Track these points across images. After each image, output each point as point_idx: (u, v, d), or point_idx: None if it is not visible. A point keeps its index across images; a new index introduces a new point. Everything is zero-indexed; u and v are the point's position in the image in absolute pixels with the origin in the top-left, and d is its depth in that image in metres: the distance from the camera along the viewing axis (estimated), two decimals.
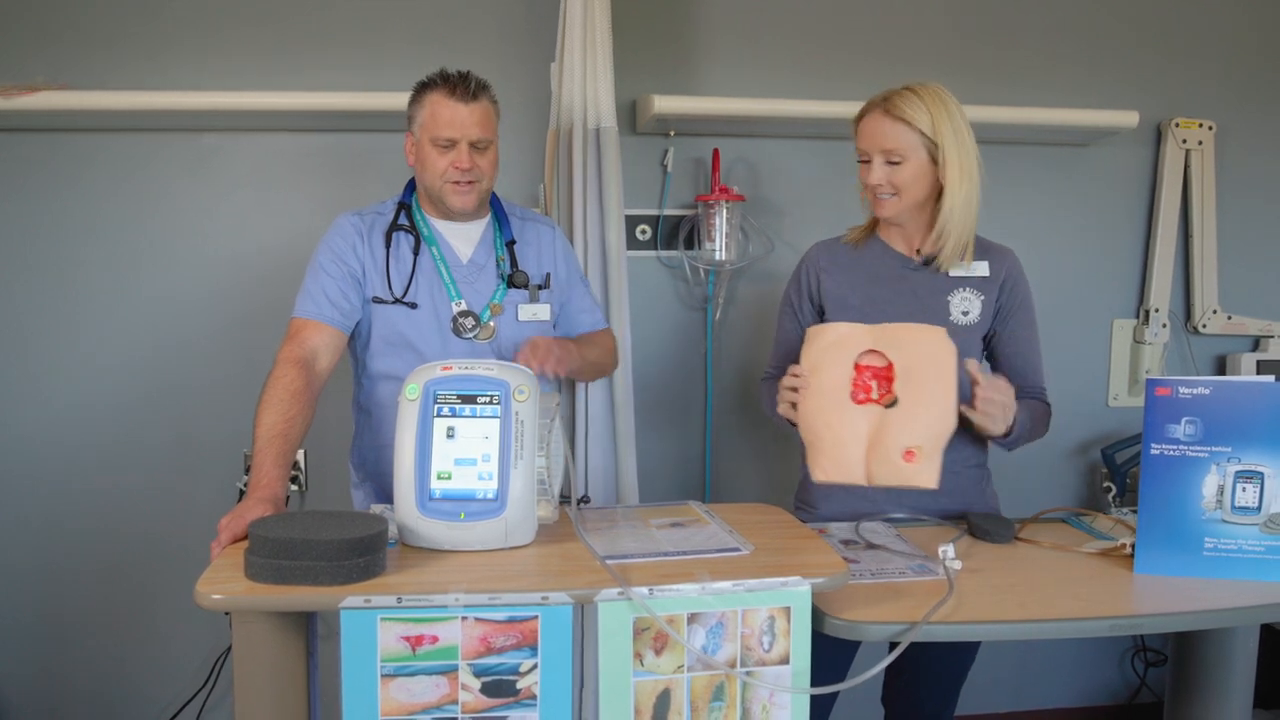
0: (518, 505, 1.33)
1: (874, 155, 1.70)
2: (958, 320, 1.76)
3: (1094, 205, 2.69)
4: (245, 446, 2.36)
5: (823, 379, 1.61)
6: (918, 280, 1.77)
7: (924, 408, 1.56)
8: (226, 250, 2.37)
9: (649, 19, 2.46)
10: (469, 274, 1.80)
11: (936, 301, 1.76)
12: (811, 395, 1.61)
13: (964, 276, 1.76)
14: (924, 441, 1.54)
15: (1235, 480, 1.43)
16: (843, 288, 1.80)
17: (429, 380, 1.35)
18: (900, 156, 1.68)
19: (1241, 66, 2.69)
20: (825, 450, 1.59)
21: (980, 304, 1.76)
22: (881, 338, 1.61)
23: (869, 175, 1.71)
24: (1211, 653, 1.61)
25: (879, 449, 1.56)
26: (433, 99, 1.71)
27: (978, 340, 1.78)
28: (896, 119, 1.68)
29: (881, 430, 1.57)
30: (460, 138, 1.70)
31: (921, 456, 1.54)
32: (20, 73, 2.21)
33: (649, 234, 2.50)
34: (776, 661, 1.24)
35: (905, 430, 1.56)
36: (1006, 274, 1.78)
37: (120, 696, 2.43)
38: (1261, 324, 2.71)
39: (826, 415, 1.60)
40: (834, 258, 1.83)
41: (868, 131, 1.71)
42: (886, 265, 1.79)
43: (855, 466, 1.58)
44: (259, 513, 1.34)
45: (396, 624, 1.15)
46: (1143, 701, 2.80)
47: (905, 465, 1.54)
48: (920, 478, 1.54)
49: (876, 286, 1.78)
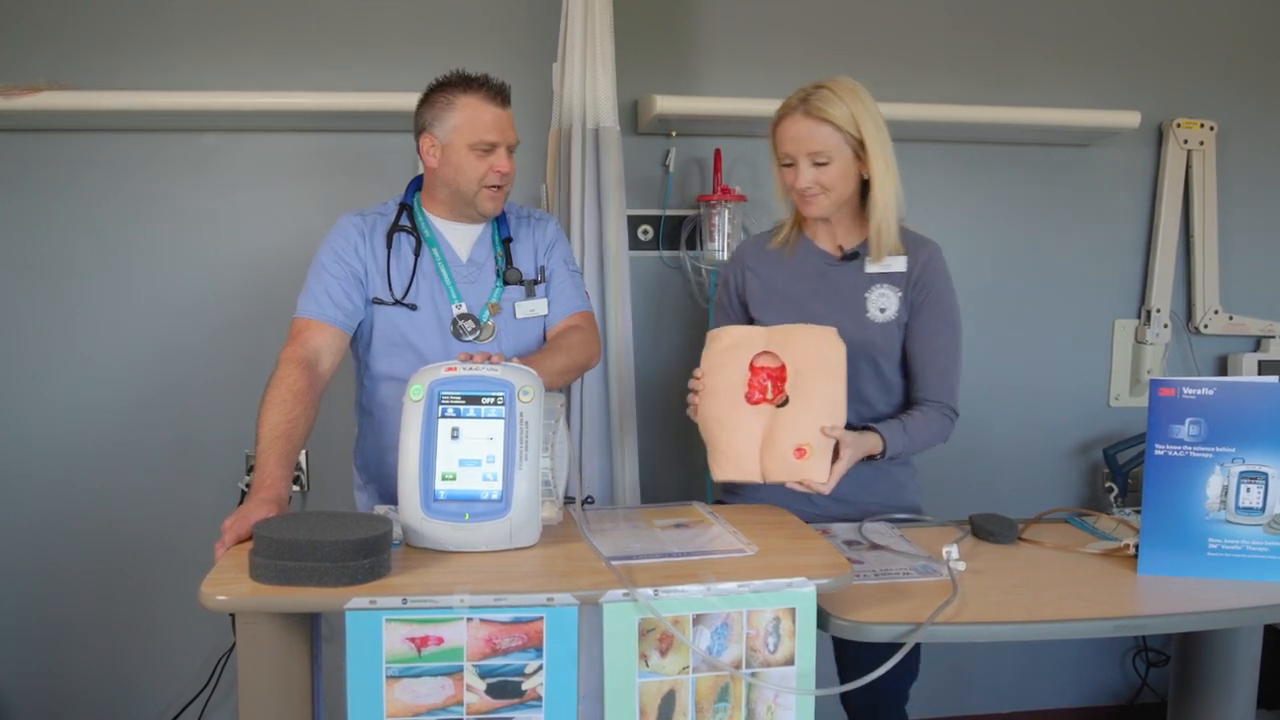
0: (522, 506, 1.32)
1: (799, 158, 1.69)
2: (875, 318, 1.76)
3: (1095, 206, 2.69)
4: (247, 447, 2.36)
5: (719, 380, 1.64)
6: (838, 277, 1.78)
7: (814, 406, 1.59)
8: (227, 250, 2.37)
9: (650, 19, 2.46)
10: (469, 273, 1.80)
11: (855, 299, 1.77)
12: (708, 397, 1.64)
13: (881, 273, 1.76)
14: (814, 439, 1.57)
15: (1239, 481, 1.43)
16: (766, 286, 1.82)
17: (433, 381, 1.35)
18: (826, 157, 1.68)
19: (1243, 67, 2.70)
20: (721, 449, 1.63)
21: (897, 300, 1.76)
22: (774, 339, 1.64)
23: (796, 179, 1.70)
24: (1215, 653, 1.62)
25: (772, 447, 1.59)
26: (469, 102, 1.70)
27: (897, 336, 1.77)
28: (819, 119, 1.67)
29: (774, 429, 1.59)
30: (501, 141, 1.71)
31: (812, 453, 1.57)
32: (21, 73, 2.20)
33: (651, 234, 2.50)
34: (781, 663, 1.24)
35: (796, 428, 1.58)
36: (920, 269, 1.76)
37: (121, 697, 2.43)
38: (1263, 324, 2.71)
39: (722, 416, 1.63)
40: (760, 257, 1.85)
41: (790, 135, 1.70)
42: (809, 263, 1.81)
43: (751, 464, 1.61)
44: (263, 513, 1.33)
45: (401, 625, 1.15)
46: (1144, 702, 2.80)
47: (797, 461, 1.57)
48: (811, 473, 1.57)
49: (798, 284, 1.80)
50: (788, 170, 1.72)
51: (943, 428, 1.76)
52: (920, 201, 2.60)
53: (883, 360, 1.76)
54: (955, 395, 1.77)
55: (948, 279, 1.78)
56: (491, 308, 1.79)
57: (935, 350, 1.76)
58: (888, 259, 1.75)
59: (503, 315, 1.79)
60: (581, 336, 1.82)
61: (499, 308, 1.79)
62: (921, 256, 1.76)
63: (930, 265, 1.76)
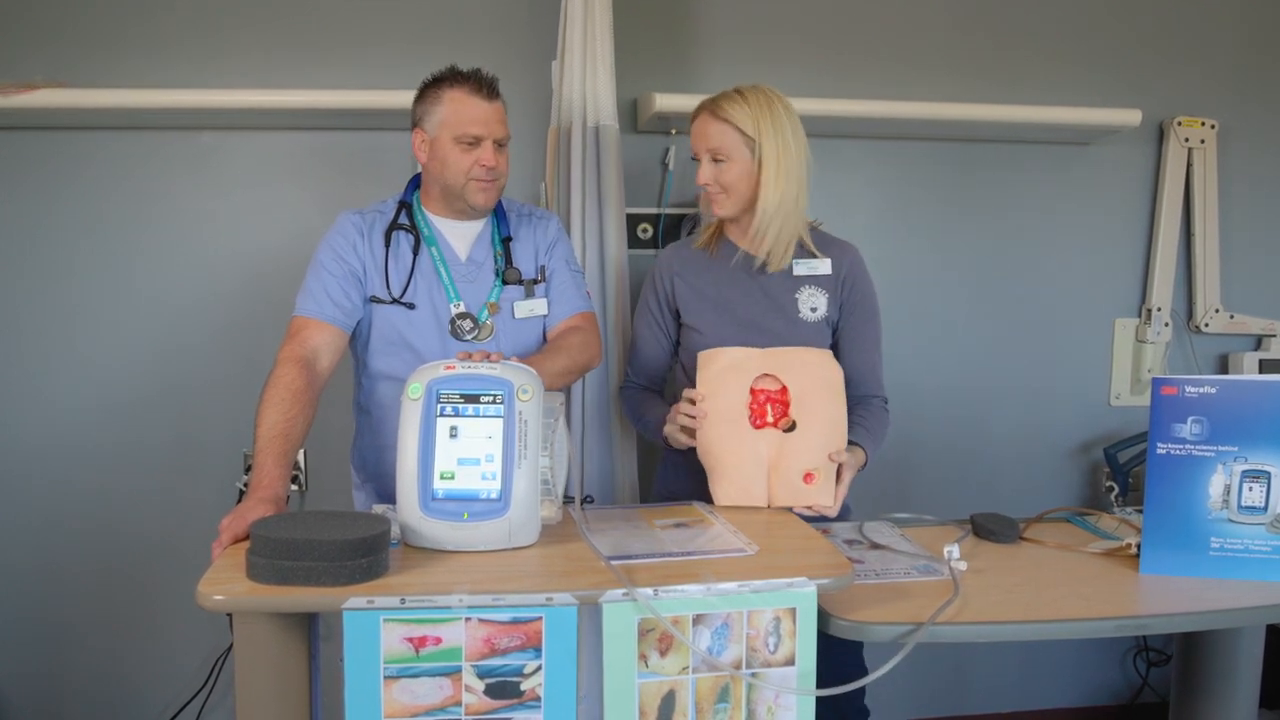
0: (521, 505, 1.32)
1: (702, 155, 1.78)
2: (807, 316, 1.83)
3: (1096, 204, 2.68)
4: (245, 446, 2.35)
5: (719, 404, 1.63)
6: (766, 279, 1.85)
7: (820, 430, 1.60)
8: (226, 249, 2.36)
9: (650, 17, 2.45)
10: (468, 272, 1.79)
11: (785, 299, 1.83)
12: (711, 421, 1.63)
13: (808, 275, 1.84)
14: (821, 463, 1.59)
15: (1242, 480, 1.43)
16: (695, 290, 1.86)
17: (432, 379, 1.34)
18: (725, 156, 1.76)
19: (1244, 65, 2.69)
20: (727, 475, 1.61)
21: (826, 300, 1.84)
22: (773, 362, 1.65)
23: (699, 174, 1.79)
24: (1217, 653, 1.61)
25: (779, 472, 1.59)
26: (454, 96, 1.69)
27: (827, 335, 1.86)
28: (722, 120, 1.75)
29: (782, 454, 1.59)
30: (486, 135, 1.70)
31: (819, 477, 1.58)
32: (19, 71, 2.19)
33: (650, 232, 2.50)
34: (782, 663, 1.23)
35: (804, 453, 1.59)
36: (847, 271, 1.86)
37: (120, 697, 2.42)
38: (1264, 323, 2.70)
39: (727, 441, 1.61)
40: (685, 261, 1.89)
41: (697, 132, 1.79)
42: (738, 266, 1.86)
43: (758, 489, 1.60)
44: (260, 513, 1.33)
45: (399, 625, 1.14)
46: (1145, 701, 2.80)
47: (805, 487, 1.58)
48: (820, 496, 1.59)
49: (727, 287, 1.85)
50: (697, 168, 1.81)
51: (886, 419, 1.87)
52: (921, 200, 2.61)
53: None
54: (883, 384, 1.90)
55: (869, 278, 1.90)
56: (490, 307, 1.78)
57: (866, 348, 1.88)
58: (814, 261, 1.84)
59: (501, 315, 1.79)
60: (582, 337, 1.81)
61: (497, 307, 1.78)
62: (845, 259, 1.87)
63: (855, 267, 1.87)
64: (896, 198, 2.60)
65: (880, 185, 2.60)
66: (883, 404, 1.88)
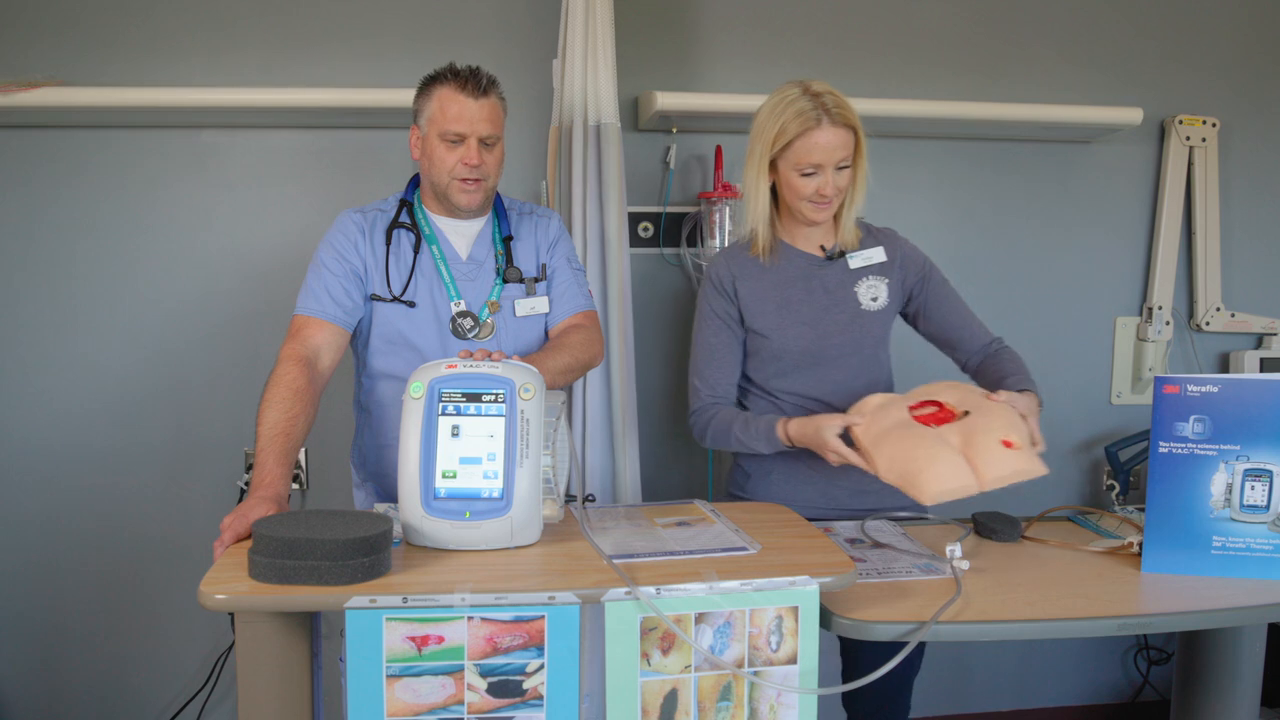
0: (523, 504, 1.32)
1: (828, 167, 1.69)
2: (869, 307, 1.82)
3: (1097, 202, 2.68)
4: (246, 445, 2.35)
5: (888, 424, 1.56)
6: (825, 276, 1.82)
7: (993, 407, 1.55)
8: (226, 247, 2.36)
9: (651, 15, 2.45)
10: (469, 271, 1.79)
11: (846, 293, 1.82)
12: (888, 440, 1.53)
13: (865, 266, 1.83)
14: (1012, 430, 1.49)
15: (1244, 479, 1.42)
16: (757, 293, 1.82)
17: (434, 378, 1.34)
18: (849, 161, 1.72)
19: (1245, 64, 2.69)
20: (928, 471, 1.47)
21: (886, 288, 1.83)
22: (918, 391, 1.63)
23: (825, 185, 1.70)
24: (1218, 652, 1.61)
25: (976, 449, 1.48)
26: (442, 93, 1.69)
27: (889, 323, 1.86)
28: (846, 126, 1.69)
29: (970, 436, 1.50)
30: (469, 133, 1.68)
31: (1018, 441, 1.47)
32: (18, 69, 2.19)
33: (651, 231, 2.49)
34: (784, 661, 1.23)
35: (992, 426, 1.50)
36: (900, 254, 1.85)
37: (120, 696, 2.42)
38: (1265, 321, 2.70)
39: (914, 445, 1.50)
40: (743, 266, 1.84)
41: (822, 144, 1.68)
42: (794, 267, 1.83)
43: (964, 474, 1.46)
44: (262, 512, 1.33)
45: (402, 624, 1.14)
46: (1146, 699, 2.80)
47: (1008, 452, 1.46)
48: (1027, 462, 1.46)
49: (788, 288, 1.81)
50: (805, 180, 1.71)
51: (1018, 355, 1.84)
52: (921, 198, 2.61)
53: (875, 348, 1.84)
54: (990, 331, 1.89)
55: (919, 249, 1.89)
56: (491, 305, 1.78)
57: (956, 307, 1.87)
58: (867, 251, 1.82)
59: (502, 313, 1.78)
60: (584, 335, 1.80)
61: (498, 306, 1.78)
62: (896, 242, 1.87)
63: (906, 246, 1.87)
64: (897, 196, 2.60)
65: (880, 184, 2.55)
66: (1001, 344, 1.86)
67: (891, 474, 1.50)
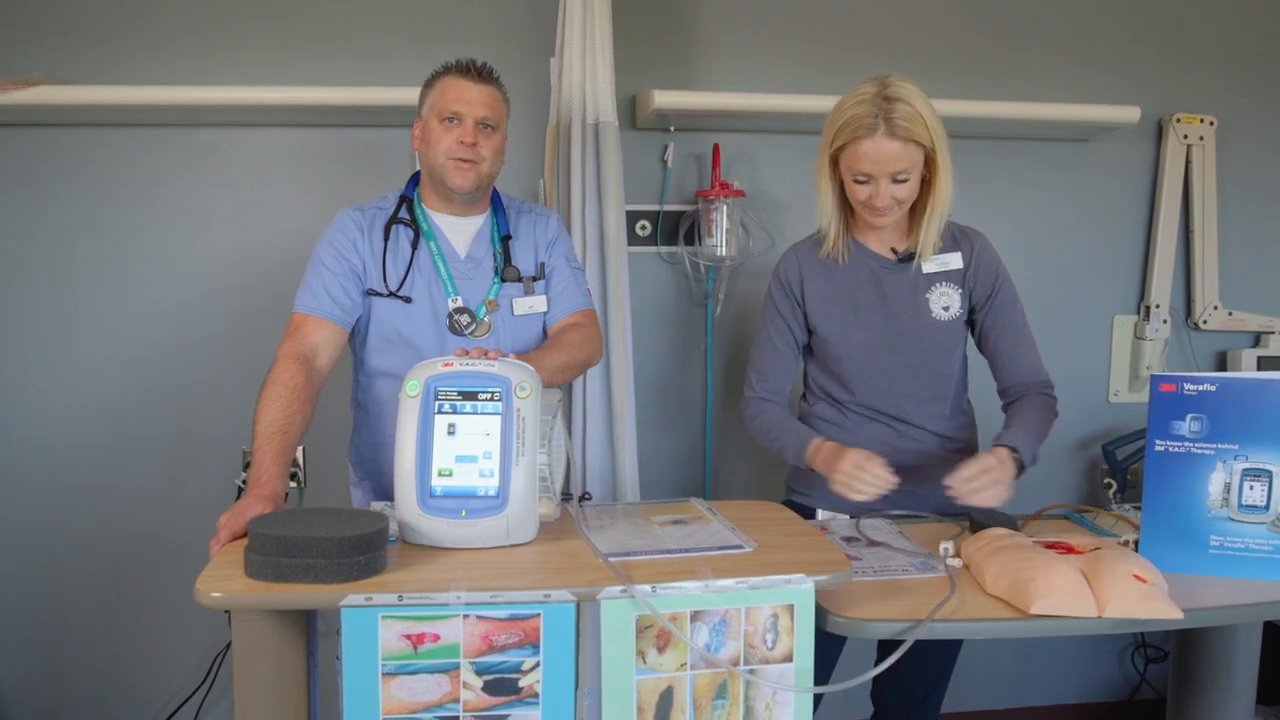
0: (519, 502, 1.32)
1: (880, 178, 1.62)
2: (939, 316, 1.76)
3: (1095, 201, 2.68)
4: (244, 443, 2.35)
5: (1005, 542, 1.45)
6: (896, 281, 1.77)
7: (1130, 555, 1.41)
8: (225, 246, 2.36)
9: (649, 13, 2.45)
10: (467, 269, 1.79)
11: (916, 300, 1.76)
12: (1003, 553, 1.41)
13: (939, 272, 1.76)
14: (1149, 574, 1.34)
15: (1242, 478, 1.42)
16: (824, 294, 1.78)
17: (430, 376, 1.34)
18: (907, 174, 1.63)
19: (1243, 62, 2.69)
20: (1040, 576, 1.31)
21: (958, 296, 1.76)
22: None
23: (875, 196, 1.63)
24: (1214, 650, 1.61)
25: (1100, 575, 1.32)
26: (444, 81, 1.74)
27: (961, 333, 1.79)
28: (905, 140, 1.60)
29: (1096, 563, 1.35)
30: (466, 113, 1.70)
31: (1153, 582, 1.33)
32: (16, 67, 2.19)
33: (649, 229, 2.49)
34: (780, 659, 1.23)
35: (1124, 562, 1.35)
36: (976, 260, 1.77)
37: (118, 694, 2.42)
38: (1262, 320, 2.70)
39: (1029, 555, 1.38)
40: (812, 264, 1.79)
41: (873, 156, 1.60)
42: (865, 268, 1.78)
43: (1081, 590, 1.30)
44: (258, 510, 1.33)
45: (398, 622, 1.14)
46: (1143, 698, 2.80)
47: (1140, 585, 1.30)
48: (1164, 603, 1.29)
49: (858, 292, 1.77)
50: (859, 186, 1.65)
51: (1051, 408, 1.78)
52: None
53: (945, 358, 1.78)
54: (1043, 367, 1.80)
55: (1001, 262, 1.79)
56: (489, 304, 1.78)
57: (1014, 333, 1.78)
58: (944, 256, 1.75)
59: (500, 312, 1.79)
60: (582, 334, 1.81)
61: (496, 304, 1.78)
62: (975, 248, 1.77)
63: (984, 255, 1.78)
64: None
65: None
66: (1044, 390, 1.78)
67: (1001, 581, 1.35)
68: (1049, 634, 1.32)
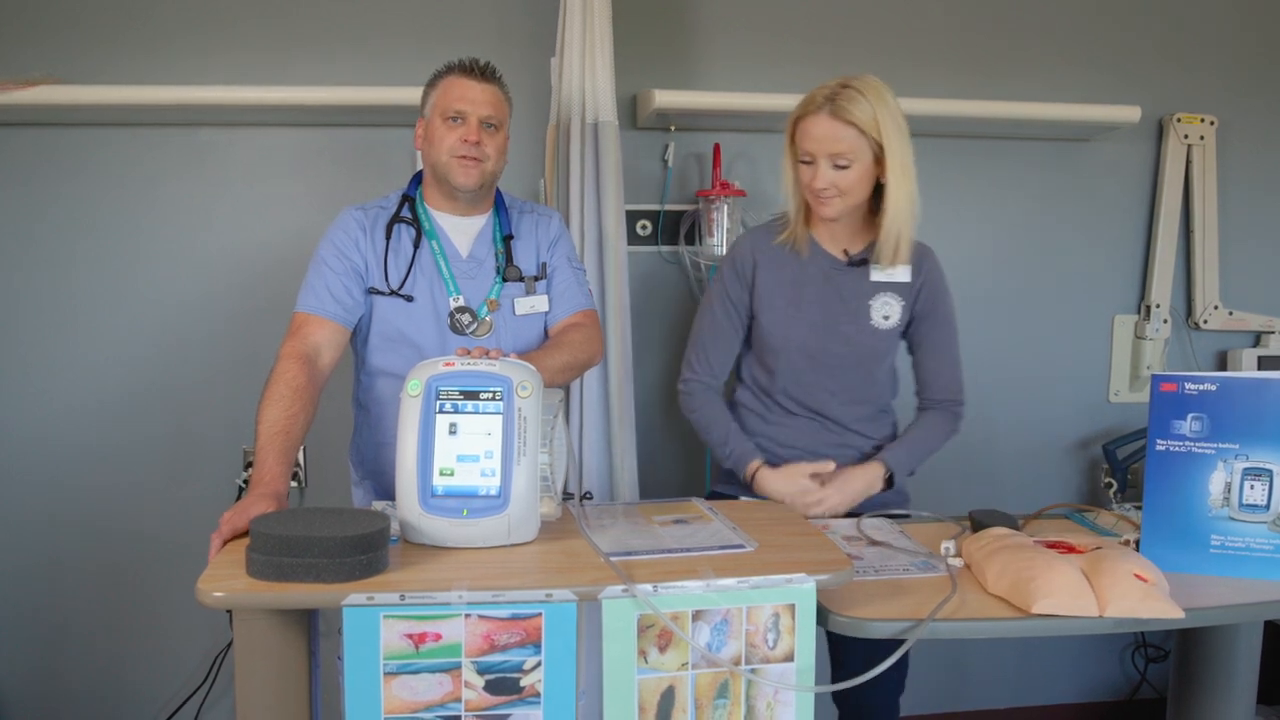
0: (521, 502, 1.32)
1: (819, 158, 1.66)
2: (878, 325, 1.79)
3: (1095, 201, 2.68)
4: (245, 443, 2.35)
5: (1006, 541, 1.45)
6: (843, 282, 1.80)
7: (1131, 554, 1.40)
8: (225, 246, 2.36)
9: (649, 13, 2.45)
10: (469, 269, 1.79)
11: (859, 305, 1.79)
12: (1004, 552, 1.41)
13: (886, 281, 1.78)
14: (1149, 573, 1.34)
15: (1243, 478, 1.42)
16: (772, 283, 1.80)
17: (431, 376, 1.34)
18: (847, 160, 1.65)
19: (1243, 62, 2.69)
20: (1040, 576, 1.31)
21: (900, 308, 1.80)
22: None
23: (815, 178, 1.67)
24: (1215, 649, 1.61)
25: (1102, 574, 1.32)
26: (447, 79, 1.74)
27: (896, 343, 1.84)
28: (844, 121, 1.63)
29: (1097, 563, 1.35)
30: (470, 112, 1.71)
31: (1154, 582, 1.33)
32: (16, 67, 2.19)
33: (650, 229, 2.50)
34: (781, 659, 1.23)
35: (1125, 561, 1.35)
36: (925, 277, 1.81)
37: (119, 694, 2.42)
38: (1263, 320, 2.71)
39: (1030, 555, 1.37)
40: (767, 251, 1.82)
41: (814, 134, 1.66)
42: (816, 265, 1.80)
43: (1082, 590, 1.29)
44: (262, 508, 1.33)
45: (399, 621, 1.14)
46: (1143, 697, 2.80)
47: (1141, 584, 1.30)
48: (1165, 603, 1.29)
49: (805, 286, 1.80)
50: (805, 168, 1.70)
51: (950, 427, 1.85)
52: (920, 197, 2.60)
53: (876, 365, 1.82)
54: (962, 388, 1.86)
55: (947, 282, 1.84)
56: (490, 304, 1.78)
57: (944, 351, 1.84)
58: (895, 268, 1.77)
59: (501, 311, 1.79)
60: (583, 334, 1.81)
61: (497, 304, 1.78)
62: (925, 266, 1.81)
63: (933, 273, 1.82)
64: None
65: None
66: (953, 409, 1.84)
67: (1002, 581, 1.35)
68: (1050, 634, 1.32)
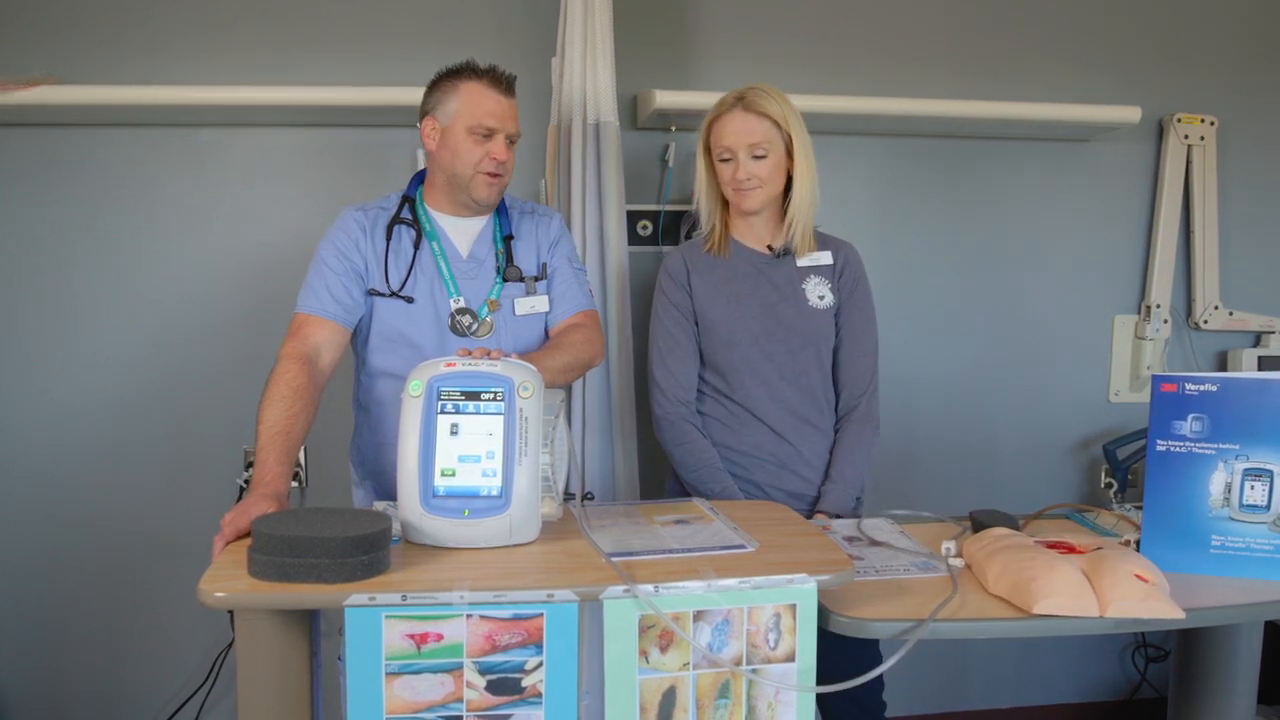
0: (522, 502, 1.32)
1: (739, 151, 1.80)
2: (816, 305, 1.88)
3: (1095, 201, 2.68)
4: (245, 443, 2.35)
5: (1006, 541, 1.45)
6: (773, 273, 1.89)
7: (1130, 554, 1.40)
8: (225, 246, 2.36)
9: (650, 13, 2.45)
10: (469, 269, 1.79)
11: (793, 290, 1.88)
12: (1005, 553, 1.41)
13: (812, 265, 1.90)
14: (1149, 573, 1.33)
15: (1243, 478, 1.43)
16: (709, 284, 1.89)
17: (432, 376, 1.34)
18: (764, 150, 1.80)
19: (1243, 62, 2.69)
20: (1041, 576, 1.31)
21: (830, 290, 1.89)
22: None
23: (738, 170, 1.81)
24: (1215, 649, 1.62)
25: (1102, 574, 1.32)
26: (472, 87, 1.71)
27: (833, 323, 1.90)
28: (760, 114, 1.80)
29: (1098, 563, 1.35)
30: (500, 129, 1.71)
31: (1154, 581, 1.32)
32: (16, 67, 2.19)
33: (650, 229, 2.50)
34: (782, 659, 1.23)
35: (1125, 561, 1.35)
36: (844, 264, 1.92)
37: (120, 694, 2.42)
38: (1263, 320, 2.71)
39: (1031, 555, 1.38)
40: (697, 259, 1.92)
41: (731, 129, 1.81)
42: (745, 262, 1.90)
43: (1083, 590, 1.30)
44: (263, 509, 1.33)
45: (401, 622, 1.14)
46: (1143, 697, 2.80)
47: (1142, 584, 1.30)
48: (1166, 603, 1.29)
49: (737, 282, 1.88)
50: (724, 165, 1.84)
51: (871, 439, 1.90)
52: (920, 197, 2.61)
53: (824, 344, 1.89)
54: (877, 379, 1.92)
55: (866, 278, 1.94)
56: (490, 304, 1.78)
57: (859, 340, 1.90)
58: (816, 254, 1.90)
59: (502, 312, 1.79)
60: (584, 335, 1.80)
61: (498, 304, 1.78)
62: (844, 251, 1.93)
63: (851, 259, 1.93)
64: (896, 195, 2.60)
65: (880, 182, 2.60)
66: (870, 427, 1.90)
67: (1003, 581, 1.35)
68: (1051, 634, 1.32)
